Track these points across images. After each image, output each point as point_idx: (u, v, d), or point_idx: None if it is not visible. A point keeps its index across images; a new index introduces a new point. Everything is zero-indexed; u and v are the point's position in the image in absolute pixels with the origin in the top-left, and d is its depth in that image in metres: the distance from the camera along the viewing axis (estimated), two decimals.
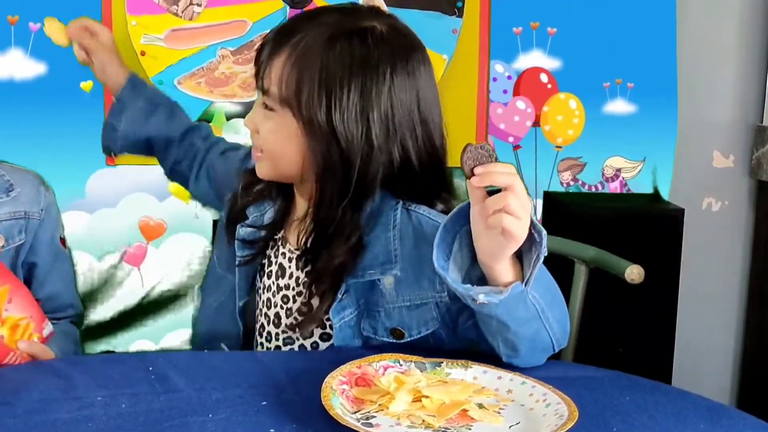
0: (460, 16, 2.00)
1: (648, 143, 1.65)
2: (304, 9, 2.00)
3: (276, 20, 2.00)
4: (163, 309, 2.22)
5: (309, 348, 1.58)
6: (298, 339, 1.58)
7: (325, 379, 1.27)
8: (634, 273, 1.80)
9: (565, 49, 2.73)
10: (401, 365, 1.35)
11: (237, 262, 1.65)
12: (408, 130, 1.51)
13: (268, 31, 1.65)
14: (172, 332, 2.20)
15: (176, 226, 2.24)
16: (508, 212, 1.24)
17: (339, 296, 1.51)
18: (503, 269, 1.32)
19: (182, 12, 1.99)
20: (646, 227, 2.57)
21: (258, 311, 1.65)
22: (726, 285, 2.35)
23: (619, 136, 1.80)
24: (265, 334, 1.63)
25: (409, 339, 1.51)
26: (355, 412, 1.23)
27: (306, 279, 1.57)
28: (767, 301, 2.27)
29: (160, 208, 2.22)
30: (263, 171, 1.59)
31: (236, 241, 1.65)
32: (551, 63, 2.74)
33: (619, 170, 2.05)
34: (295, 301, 1.60)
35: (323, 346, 1.57)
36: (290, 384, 1.32)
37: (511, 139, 2.76)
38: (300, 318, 1.56)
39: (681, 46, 2.08)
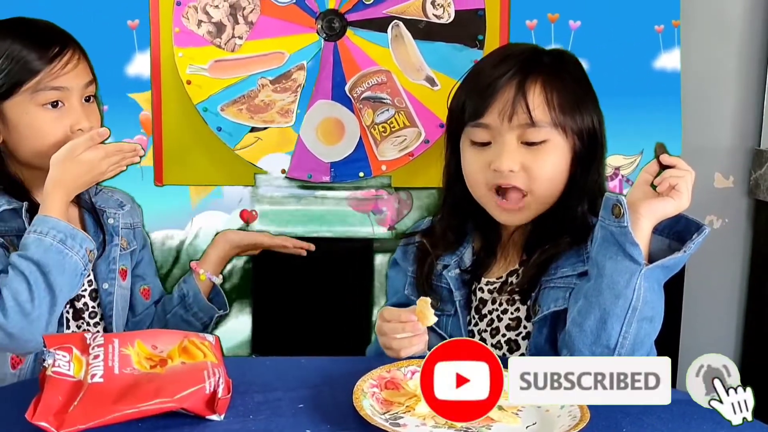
0: (481, 48, 1.99)
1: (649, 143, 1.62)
2: (337, 42, 2.01)
3: (311, 52, 2.01)
4: None
5: None
6: None
7: (357, 383, 1.27)
8: None
9: None
10: None
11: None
12: None
13: (305, 61, 1.65)
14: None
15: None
16: (677, 176, 1.38)
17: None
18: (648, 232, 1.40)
19: (225, 44, 2.00)
20: None
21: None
22: (726, 295, 2.34)
23: (617, 134, 1.77)
24: None
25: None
26: (384, 413, 1.23)
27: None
28: (765, 308, 2.27)
29: None
30: (528, 216, 1.56)
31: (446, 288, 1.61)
32: None
33: (618, 168, 2.03)
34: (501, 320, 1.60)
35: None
36: (327, 388, 1.32)
37: None
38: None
39: (684, 76, 2.08)
